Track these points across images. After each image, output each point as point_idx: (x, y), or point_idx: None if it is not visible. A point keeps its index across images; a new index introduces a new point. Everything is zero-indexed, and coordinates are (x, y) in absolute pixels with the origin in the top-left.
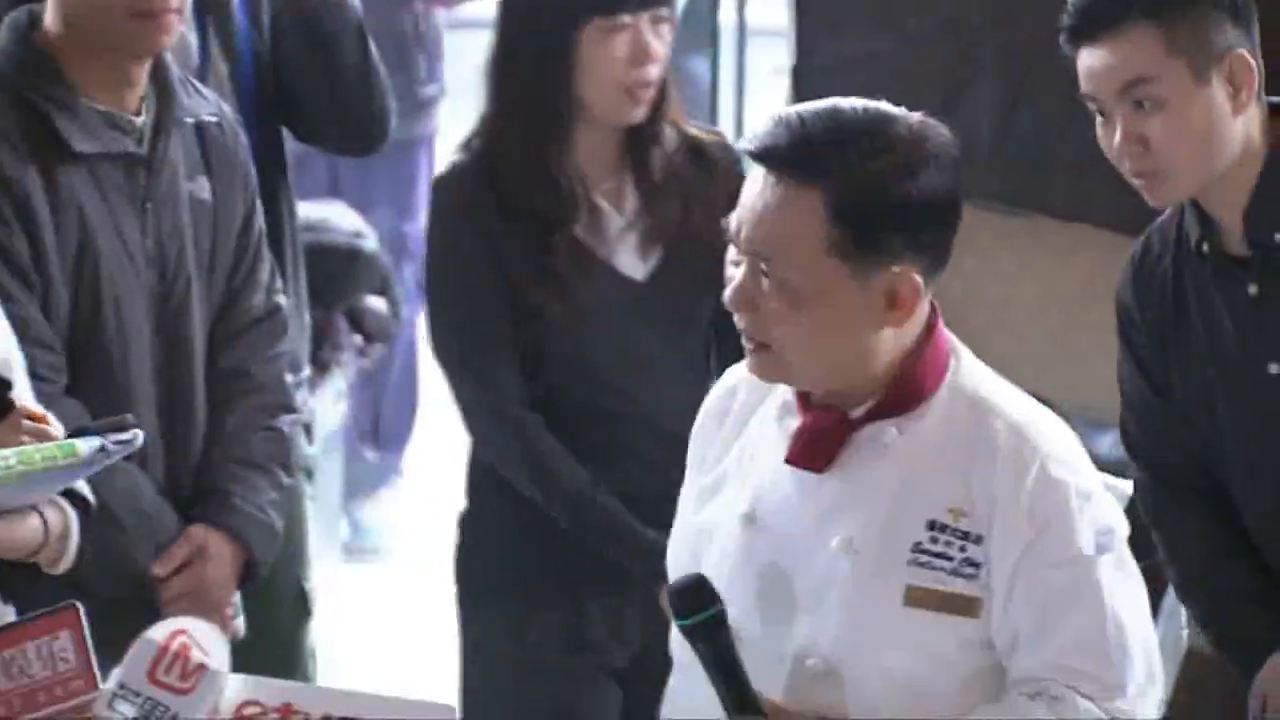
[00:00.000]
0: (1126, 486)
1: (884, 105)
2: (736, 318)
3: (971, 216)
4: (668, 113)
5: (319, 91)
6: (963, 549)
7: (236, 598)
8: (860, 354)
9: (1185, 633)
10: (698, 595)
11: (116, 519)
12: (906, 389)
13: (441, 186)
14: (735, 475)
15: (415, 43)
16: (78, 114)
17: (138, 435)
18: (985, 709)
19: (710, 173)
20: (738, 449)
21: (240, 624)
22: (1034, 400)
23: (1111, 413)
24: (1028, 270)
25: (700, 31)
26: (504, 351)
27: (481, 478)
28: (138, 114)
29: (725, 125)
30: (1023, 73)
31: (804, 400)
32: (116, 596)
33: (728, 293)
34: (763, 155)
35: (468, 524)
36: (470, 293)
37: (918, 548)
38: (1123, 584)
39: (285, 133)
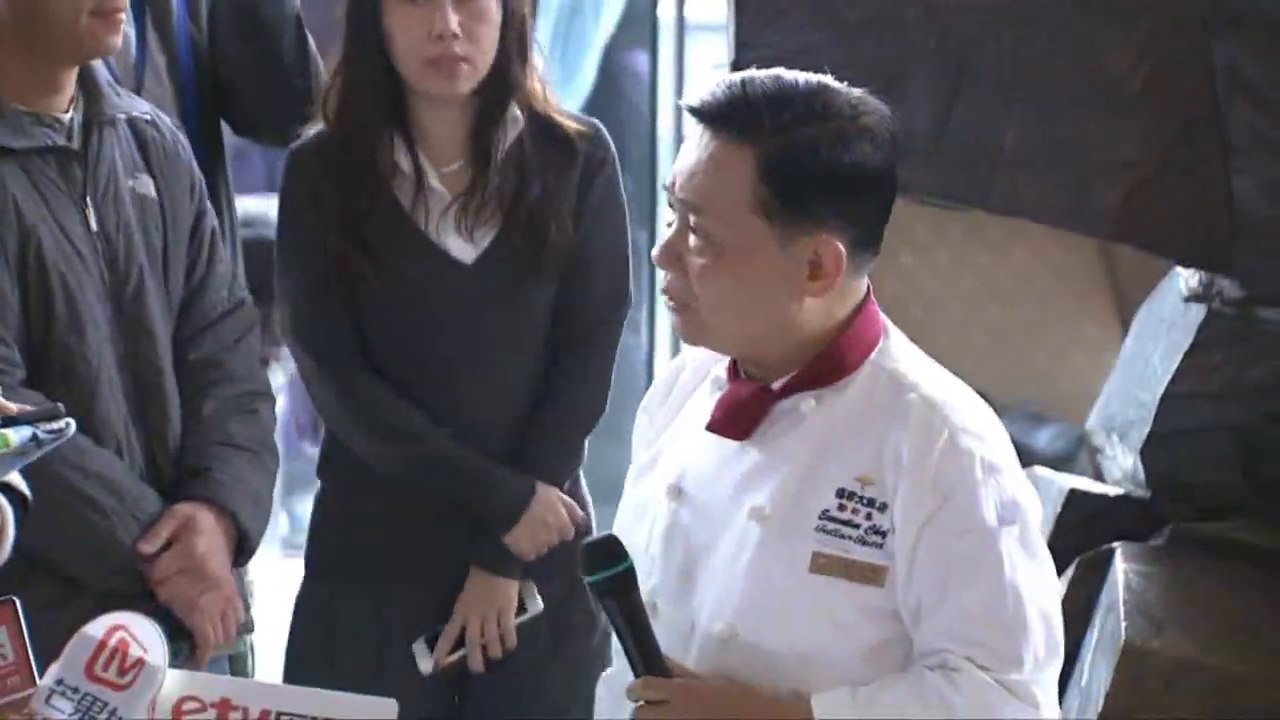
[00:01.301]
0: (1064, 480)
1: (828, 79)
2: (661, 276)
3: (908, 211)
4: (512, 96)
5: (257, 84)
6: (869, 516)
7: (252, 586)
8: (779, 322)
9: (1124, 626)
10: (606, 552)
11: (95, 503)
12: (828, 363)
13: (292, 164)
14: (669, 449)
15: None
16: (4, 115)
17: (70, 424)
18: (886, 679)
19: (568, 163)
20: (675, 424)
21: (252, 618)
22: (960, 383)
23: (1049, 406)
24: (965, 265)
25: (640, 27)
26: (336, 318)
27: (334, 456)
28: (66, 113)
29: (665, 120)
30: (959, 67)
31: (733, 373)
32: (113, 588)
33: (656, 249)
34: (701, 111)
35: (320, 501)
36: (305, 263)
37: (825, 515)
38: (1024, 557)
39: (225, 128)
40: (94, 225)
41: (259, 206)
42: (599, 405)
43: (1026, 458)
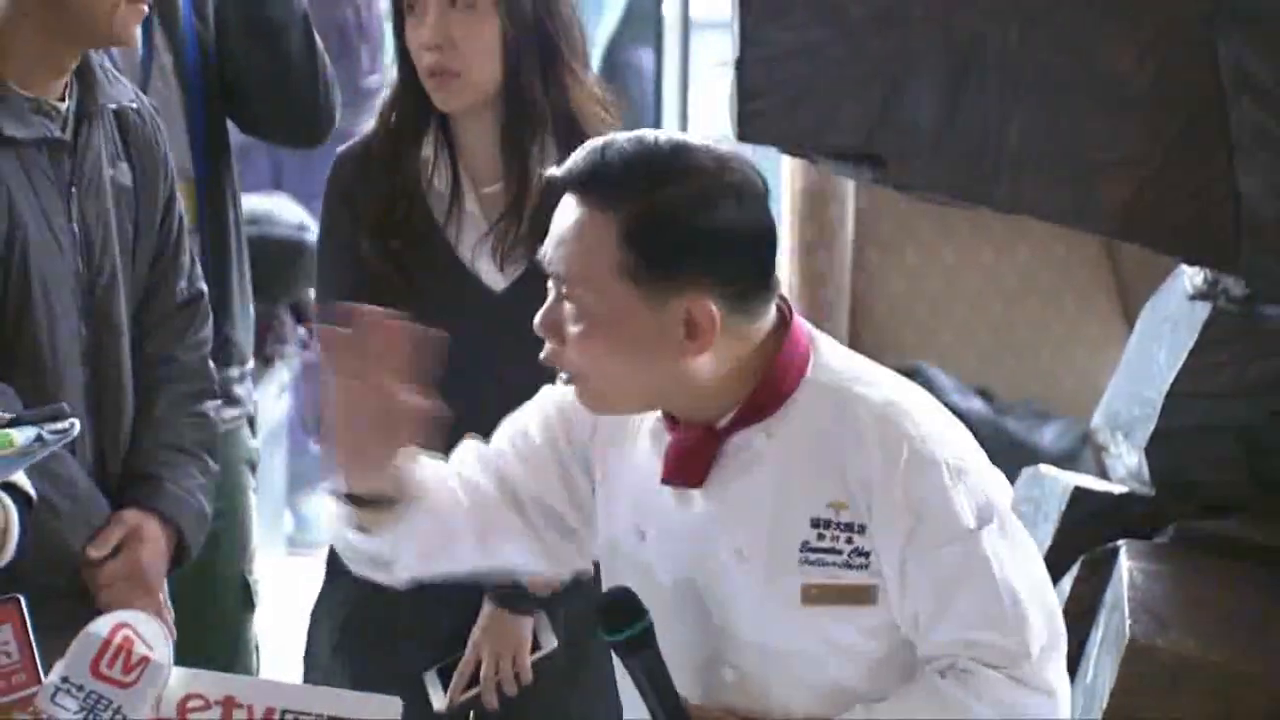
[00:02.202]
0: (1068, 478)
1: (690, 137)
2: (544, 348)
3: (912, 209)
4: (532, 113)
5: (264, 84)
6: (849, 540)
7: (257, 585)
8: (672, 379)
9: (1128, 624)
10: (625, 610)
11: (52, 504)
12: (765, 395)
13: (334, 166)
14: (620, 491)
15: (357, 33)
16: (6, 100)
17: (74, 424)
18: (901, 691)
19: None
20: (615, 462)
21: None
22: (897, 378)
23: (1053, 404)
24: (970, 262)
25: (644, 23)
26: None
27: None
28: (62, 100)
29: (670, 118)
30: (963, 64)
31: (670, 419)
32: (50, 584)
33: (537, 319)
34: (565, 179)
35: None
36: (338, 266)
37: (806, 546)
38: (1010, 551)
39: (230, 126)
40: (75, 216)
41: (264, 204)
42: None
43: (1030, 455)
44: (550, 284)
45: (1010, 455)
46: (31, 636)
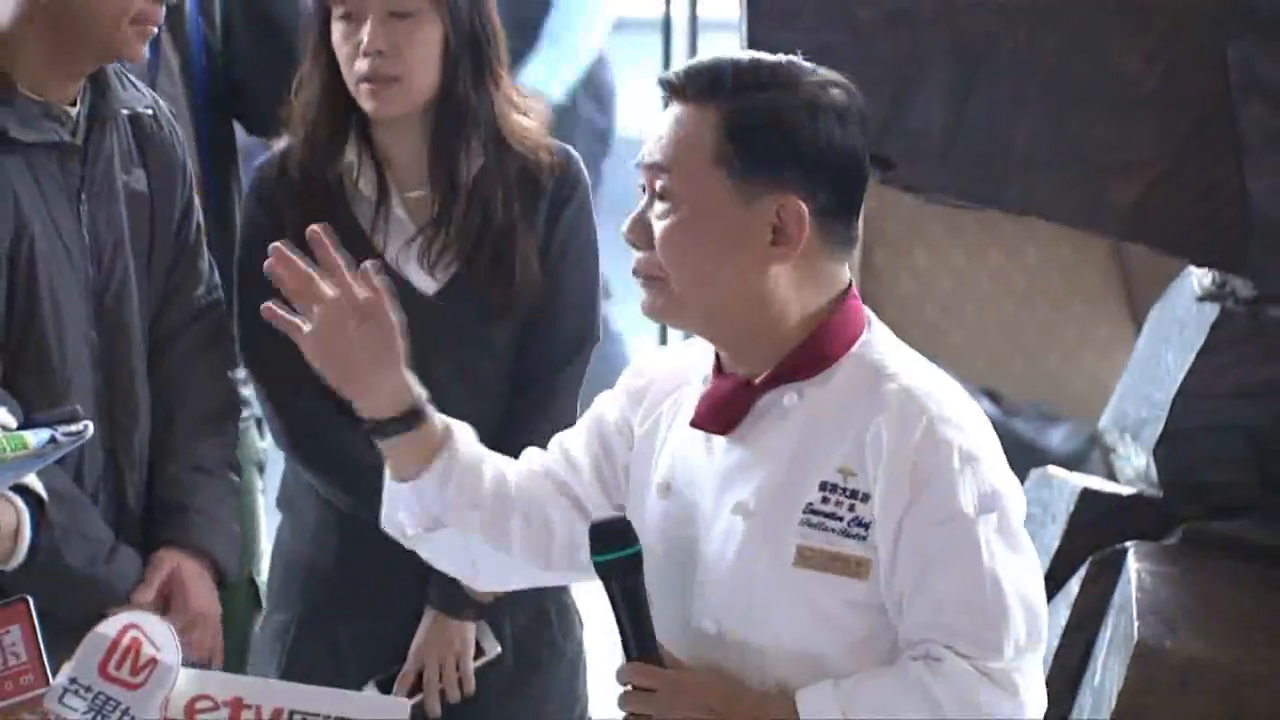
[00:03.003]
0: (1077, 480)
1: (804, 60)
2: (633, 256)
3: (923, 211)
4: (466, 119)
5: (270, 84)
6: (851, 508)
7: (264, 588)
8: (747, 293)
9: (1136, 625)
10: (617, 534)
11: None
12: (809, 354)
13: (254, 174)
14: (659, 444)
15: None
16: (15, 104)
17: (88, 426)
18: (873, 670)
19: (536, 195)
20: (662, 424)
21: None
22: (943, 374)
23: (1062, 406)
24: (979, 264)
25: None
26: (288, 345)
27: (292, 490)
28: (73, 105)
29: None
30: (973, 66)
31: (717, 369)
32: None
33: (625, 223)
34: (673, 81)
35: (278, 535)
36: (258, 284)
37: (809, 508)
38: (1003, 546)
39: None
40: (86, 222)
41: None
42: None
43: (1039, 457)
44: (643, 184)
45: (1019, 457)
46: (40, 637)
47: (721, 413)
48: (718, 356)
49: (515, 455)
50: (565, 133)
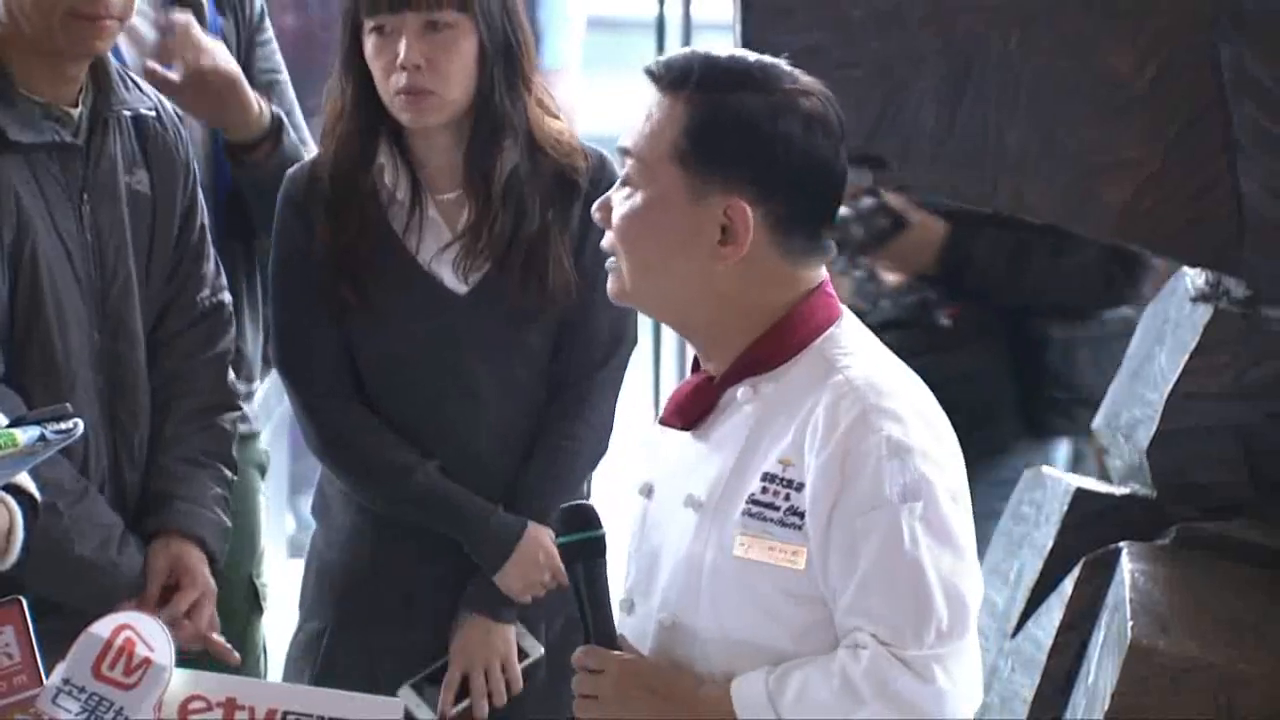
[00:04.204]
0: (1070, 480)
1: (784, 63)
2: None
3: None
4: (502, 127)
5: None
6: (788, 498)
7: (265, 589)
8: (697, 286)
9: (1130, 625)
10: (582, 517)
11: (54, 508)
12: (764, 350)
13: (285, 182)
14: (644, 451)
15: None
16: (15, 104)
17: (78, 424)
18: (806, 659)
19: (569, 197)
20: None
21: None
22: (903, 370)
23: None
24: None
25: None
26: (322, 349)
27: (326, 496)
28: (74, 106)
29: None
30: (964, 67)
31: (694, 367)
32: (52, 590)
33: (594, 204)
34: (652, 69)
35: (313, 541)
36: (291, 290)
37: (751, 499)
38: (927, 534)
39: None
40: (88, 223)
41: None
42: (600, 447)
43: None
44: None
45: None
46: (34, 638)
47: (685, 408)
48: (695, 358)
49: (551, 458)
50: None
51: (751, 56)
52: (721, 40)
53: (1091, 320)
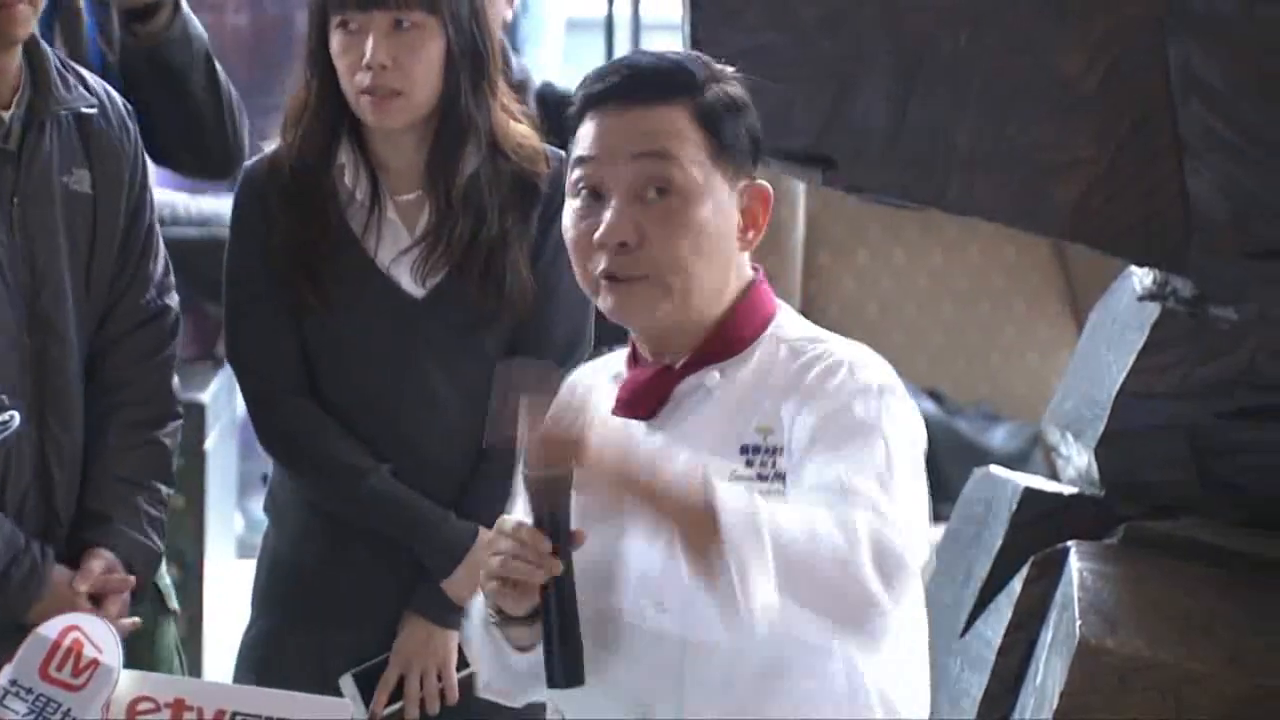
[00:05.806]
0: (1019, 479)
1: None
2: (610, 259)
3: (864, 211)
4: (467, 130)
5: (171, 129)
6: (774, 465)
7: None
8: (722, 280)
9: (1078, 625)
10: (549, 532)
11: None
12: (726, 337)
13: (243, 175)
14: None
15: None
16: None
17: (14, 416)
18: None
19: (529, 201)
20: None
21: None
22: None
23: (1004, 405)
24: (919, 264)
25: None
26: (277, 346)
27: (278, 495)
28: (6, 108)
29: None
30: (914, 67)
31: (631, 362)
32: None
33: (601, 232)
34: (621, 89)
35: (265, 539)
36: (248, 286)
37: (734, 476)
38: (902, 420)
39: None
40: (18, 226)
41: (214, 206)
42: None
43: (981, 457)
44: (613, 193)
45: (961, 456)
46: None
47: (643, 398)
48: (633, 348)
49: (504, 463)
50: None
51: (671, 54)
52: (671, 40)
53: None
